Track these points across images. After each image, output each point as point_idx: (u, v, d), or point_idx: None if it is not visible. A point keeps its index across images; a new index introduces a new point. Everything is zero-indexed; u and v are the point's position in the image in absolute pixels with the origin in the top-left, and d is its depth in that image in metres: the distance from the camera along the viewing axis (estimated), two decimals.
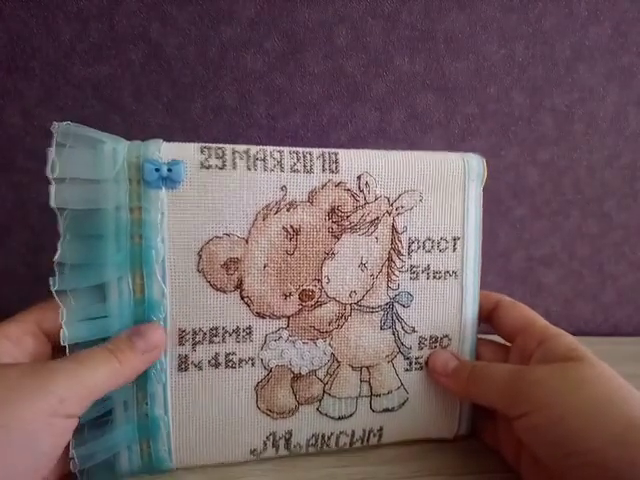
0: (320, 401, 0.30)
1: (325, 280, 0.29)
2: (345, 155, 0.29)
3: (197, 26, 0.39)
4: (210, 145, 0.27)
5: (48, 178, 0.25)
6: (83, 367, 0.23)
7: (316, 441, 0.30)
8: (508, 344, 0.32)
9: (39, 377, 0.22)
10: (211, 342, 0.28)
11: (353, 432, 0.31)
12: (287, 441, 0.30)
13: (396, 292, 0.30)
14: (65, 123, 0.25)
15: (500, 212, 0.47)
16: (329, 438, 0.31)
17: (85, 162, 0.25)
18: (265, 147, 0.28)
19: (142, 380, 0.27)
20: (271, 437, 0.30)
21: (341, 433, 0.31)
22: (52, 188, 0.25)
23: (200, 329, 0.28)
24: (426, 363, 0.31)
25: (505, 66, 0.43)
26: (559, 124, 0.45)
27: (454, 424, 0.33)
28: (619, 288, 0.51)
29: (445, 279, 0.31)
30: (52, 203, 0.25)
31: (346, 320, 0.30)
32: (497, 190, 0.46)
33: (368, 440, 0.31)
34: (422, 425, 0.32)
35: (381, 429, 0.31)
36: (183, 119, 0.41)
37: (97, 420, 0.26)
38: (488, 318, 0.33)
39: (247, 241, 0.28)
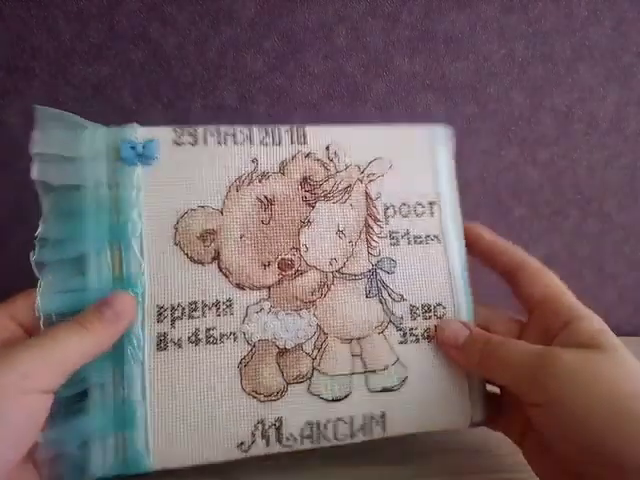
0: (310, 379, 0.28)
1: (303, 248, 0.29)
2: (313, 129, 0.31)
3: (197, 26, 0.39)
4: (183, 126, 0.29)
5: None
6: (52, 341, 0.23)
7: (311, 431, 0.28)
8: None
9: (2, 357, 0.22)
10: (191, 317, 0.27)
11: (352, 419, 0.28)
12: (278, 431, 0.27)
13: (378, 258, 0.30)
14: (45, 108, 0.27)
15: (500, 212, 0.47)
16: (325, 427, 0.28)
17: (66, 142, 0.27)
18: (235, 125, 0.30)
19: (120, 362, 0.26)
20: (260, 426, 0.27)
21: (338, 420, 0.28)
22: (34, 163, 0.27)
23: (179, 304, 0.27)
24: (422, 336, 0.30)
25: (505, 66, 0.43)
26: (559, 124, 0.45)
27: (466, 409, 0.29)
28: (619, 288, 0.51)
29: (427, 244, 0.31)
30: (33, 176, 0.26)
31: (329, 289, 0.29)
32: (497, 190, 0.46)
33: (371, 430, 0.28)
34: (429, 411, 0.29)
35: (383, 415, 0.28)
36: (183, 119, 0.40)
37: (71, 405, 0.26)
38: (507, 277, 0.31)
39: (222, 212, 0.29)
